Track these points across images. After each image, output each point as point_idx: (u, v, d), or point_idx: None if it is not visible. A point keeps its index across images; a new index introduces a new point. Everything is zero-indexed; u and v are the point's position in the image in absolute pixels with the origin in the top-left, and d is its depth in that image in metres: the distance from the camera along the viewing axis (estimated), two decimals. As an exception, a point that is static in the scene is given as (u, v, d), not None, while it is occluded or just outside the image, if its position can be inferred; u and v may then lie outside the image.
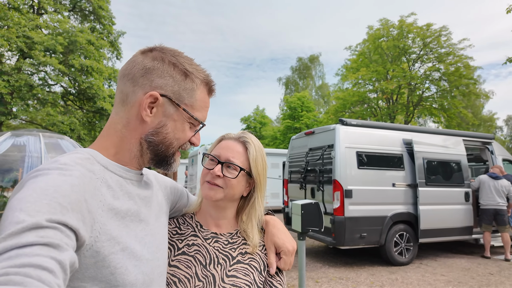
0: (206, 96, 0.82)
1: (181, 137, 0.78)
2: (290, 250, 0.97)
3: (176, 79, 0.76)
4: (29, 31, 13.19)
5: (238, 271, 0.91)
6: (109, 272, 0.63)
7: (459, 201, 6.38)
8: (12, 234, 0.46)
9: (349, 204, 5.45)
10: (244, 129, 32.13)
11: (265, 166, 1.00)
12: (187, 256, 0.91)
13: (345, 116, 21.04)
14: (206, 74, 0.82)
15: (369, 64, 20.39)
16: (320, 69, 38.68)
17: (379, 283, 4.85)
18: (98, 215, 0.62)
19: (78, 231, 0.55)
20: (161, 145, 0.76)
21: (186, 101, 0.77)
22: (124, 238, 0.67)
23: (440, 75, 18.88)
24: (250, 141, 0.98)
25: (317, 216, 2.95)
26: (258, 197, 0.99)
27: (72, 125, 14.32)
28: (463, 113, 19.30)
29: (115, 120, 0.76)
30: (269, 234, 1.00)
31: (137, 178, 0.79)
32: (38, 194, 0.53)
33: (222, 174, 0.91)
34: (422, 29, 18.76)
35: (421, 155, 6.12)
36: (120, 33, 18.90)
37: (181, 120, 0.77)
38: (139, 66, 0.75)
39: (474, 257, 6.54)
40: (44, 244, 0.47)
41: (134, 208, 0.74)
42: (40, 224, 0.48)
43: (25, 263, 0.43)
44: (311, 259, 6.21)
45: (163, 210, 0.91)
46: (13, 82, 12.50)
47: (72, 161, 0.64)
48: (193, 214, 1.03)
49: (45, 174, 0.58)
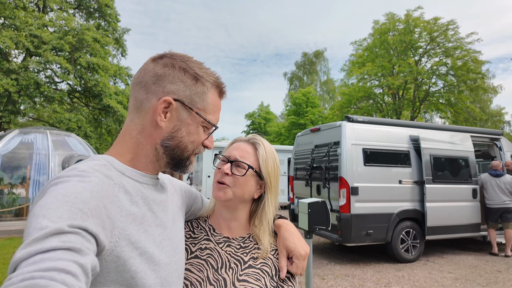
0: (217, 98, 0.84)
1: (196, 140, 0.80)
2: (302, 254, 0.96)
3: (187, 83, 0.77)
4: (36, 30, 13.27)
5: (250, 275, 0.91)
6: (130, 276, 0.65)
7: (467, 198, 6.33)
8: (36, 240, 0.48)
9: (355, 201, 5.43)
10: (248, 125, 32.24)
11: (276, 169, 1.00)
12: (200, 259, 0.93)
13: (351, 112, 20.93)
14: (216, 77, 0.83)
15: (375, 59, 20.21)
16: (325, 64, 38.40)
17: (385, 280, 4.84)
18: (117, 220, 0.64)
19: (98, 236, 0.56)
20: (177, 149, 0.78)
21: (198, 105, 0.78)
22: (143, 243, 0.69)
23: (447, 70, 18.65)
24: (260, 143, 1.00)
25: (324, 214, 2.95)
26: (269, 200, 1.00)
27: (79, 123, 14.45)
28: (471, 108, 19.09)
29: (130, 127, 0.78)
30: (281, 238, 1.00)
31: (153, 183, 0.81)
32: (59, 200, 0.55)
33: (230, 172, 0.93)
34: (429, 23, 18.53)
35: (428, 152, 6.07)
36: (125, 30, 18.94)
37: (195, 123, 0.79)
38: (151, 73, 0.77)
39: (482, 254, 6.49)
40: (66, 249, 0.49)
41: (152, 213, 0.76)
42: (62, 230, 0.50)
43: (49, 267, 0.45)
44: (317, 256, 6.22)
45: (179, 213, 0.92)
46: (21, 80, 12.62)
47: (90, 168, 0.66)
48: (207, 217, 1.04)
49: (65, 181, 0.60)
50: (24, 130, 8.92)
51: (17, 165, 8.59)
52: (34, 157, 8.33)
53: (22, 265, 0.46)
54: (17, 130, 8.83)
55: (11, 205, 8.12)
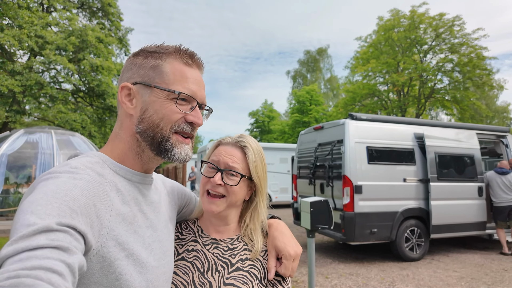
0: (182, 66, 0.77)
1: (166, 116, 0.74)
2: (292, 255, 0.93)
3: (140, 64, 0.76)
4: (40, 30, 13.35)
5: (237, 279, 0.88)
6: (114, 278, 0.63)
7: (472, 196, 6.25)
8: (23, 237, 0.47)
9: (359, 199, 5.40)
10: (252, 124, 32.19)
11: (265, 169, 0.98)
12: (186, 262, 0.90)
13: (355, 110, 20.79)
14: (175, 47, 0.79)
15: (380, 56, 20.03)
16: (328, 62, 38.19)
17: (389, 279, 4.81)
18: (106, 220, 0.63)
19: (86, 235, 0.55)
20: (149, 131, 0.74)
21: (156, 79, 0.75)
22: (130, 244, 0.68)
23: (453, 66, 18.43)
24: (248, 145, 0.95)
25: (327, 213, 2.92)
26: (260, 201, 0.98)
27: (83, 123, 14.54)
28: (477, 104, 18.85)
29: (116, 126, 0.80)
30: (271, 237, 0.98)
31: (146, 182, 0.80)
32: (48, 197, 0.54)
33: (223, 182, 0.89)
34: (434, 19, 18.30)
35: (433, 150, 6.00)
36: (128, 30, 18.97)
37: (159, 99, 0.74)
38: None
39: (488, 252, 6.42)
40: (54, 247, 0.48)
41: (142, 214, 0.75)
42: (51, 227, 0.49)
43: (35, 266, 0.44)
44: (320, 254, 6.20)
45: (170, 215, 0.90)
46: (25, 81, 12.71)
47: (82, 165, 0.66)
48: (196, 218, 1.02)
49: (56, 177, 0.59)
50: (29, 130, 9.00)
51: (23, 165, 8.67)
52: (39, 157, 8.39)
53: (8, 262, 0.45)
54: (22, 130, 8.91)
55: (17, 204, 8.20)
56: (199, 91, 0.77)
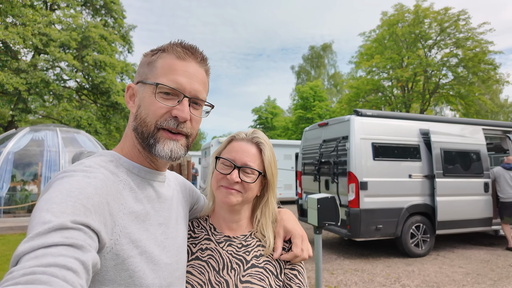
0: (173, 60, 0.75)
1: (151, 111, 0.72)
2: (301, 234, 0.96)
3: (142, 63, 0.80)
4: (44, 28, 13.39)
5: (253, 276, 0.88)
6: (127, 275, 0.64)
7: (478, 191, 6.22)
8: (39, 234, 0.48)
9: (364, 196, 5.39)
10: (255, 120, 32.15)
11: (276, 166, 1.00)
12: (200, 261, 0.90)
13: (359, 105, 20.69)
14: (171, 42, 0.79)
15: (384, 51, 19.88)
16: (332, 58, 37.98)
17: (395, 275, 4.81)
18: (119, 218, 0.64)
19: (100, 233, 0.56)
20: (139, 127, 0.74)
21: (149, 75, 0.76)
22: (143, 242, 0.68)
23: (458, 61, 18.25)
24: (264, 142, 0.95)
25: (334, 210, 2.93)
26: (271, 196, 0.99)
27: (89, 120, 14.63)
28: (482, 99, 18.68)
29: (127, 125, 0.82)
30: (280, 220, 1.00)
31: (158, 179, 0.80)
32: (63, 195, 0.55)
33: (240, 179, 0.89)
34: (439, 14, 18.12)
35: (439, 145, 5.97)
36: (131, 27, 18.98)
37: (148, 94, 0.74)
38: None
39: (494, 248, 6.40)
40: (68, 245, 0.49)
41: (155, 211, 0.75)
42: (65, 225, 0.50)
43: (51, 263, 0.45)
44: (326, 250, 6.21)
45: (183, 212, 0.91)
46: (30, 79, 12.78)
47: (96, 163, 0.67)
48: (208, 216, 1.02)
49: (70, 176, 0.61)
50: (34, 128, 9.06)
51: (29, 162, 8.74)
52: (45, 154, 8.46)
53: (24, 259, 0.46)
54: (28, 128, 8.98)
55: (23, 201, 8.28)
56: (189, 83, 0.74)
